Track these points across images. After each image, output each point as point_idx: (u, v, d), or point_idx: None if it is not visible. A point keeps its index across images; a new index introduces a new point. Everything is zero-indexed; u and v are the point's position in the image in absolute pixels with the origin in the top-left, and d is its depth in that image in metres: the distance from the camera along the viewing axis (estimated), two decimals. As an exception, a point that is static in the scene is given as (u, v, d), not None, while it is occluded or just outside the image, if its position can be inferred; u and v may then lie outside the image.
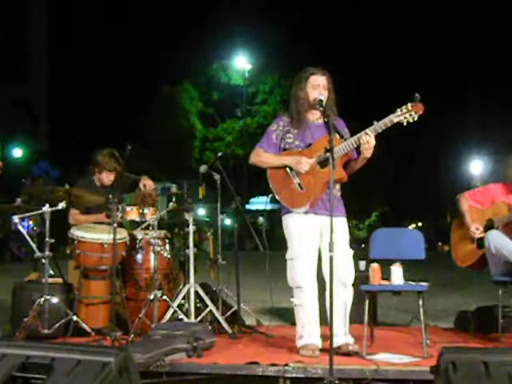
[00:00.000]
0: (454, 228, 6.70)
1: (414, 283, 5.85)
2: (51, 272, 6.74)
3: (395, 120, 5.32)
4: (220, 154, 7.60)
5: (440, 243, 57.57)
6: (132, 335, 6.16)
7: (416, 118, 5.31)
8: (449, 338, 6.48)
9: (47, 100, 56.69)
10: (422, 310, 5.66)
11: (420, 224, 71.07)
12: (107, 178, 7.11)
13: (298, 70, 5.88)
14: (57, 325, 6.26)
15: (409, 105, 5.30)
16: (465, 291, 11.98)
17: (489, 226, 6.30)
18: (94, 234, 6.60)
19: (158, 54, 47.88)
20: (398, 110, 5.32)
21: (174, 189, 7.29)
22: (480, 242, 6.29)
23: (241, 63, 46.12)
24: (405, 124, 5.33)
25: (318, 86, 5.64)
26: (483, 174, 55.47)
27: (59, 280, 6.88)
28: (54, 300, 6.37)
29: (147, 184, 7.12)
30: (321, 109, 5.54)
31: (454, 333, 6.92)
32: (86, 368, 3.31)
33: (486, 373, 3.40)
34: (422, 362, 5.24)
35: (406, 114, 5.29)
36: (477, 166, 57.45)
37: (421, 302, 5.66)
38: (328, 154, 5.06)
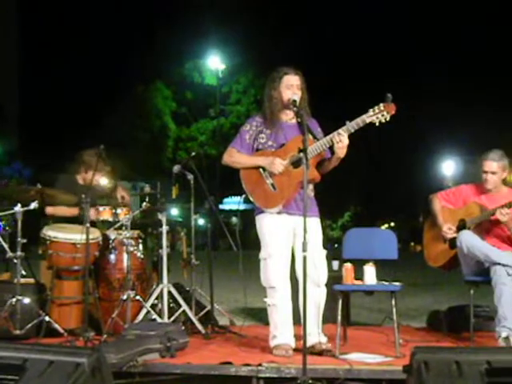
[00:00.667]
0: (427, 228, 6.74)
1: (386, 283, 5.87)
2: (23, 272, 6.70)
3: (368, 120, 5.34)
4: (193, 153, 7.57)
5: (413, 243, 57.93)
6: (105, 335, 6.13)
7: (388, 118, 5.33)
8: (421, 338, 6.52)
9: (18, 100, 56.15)
10: (394, 310, 5.69)
11: (393, 224, 71.44)
12: (96, 177, 7.07)
13: (271, 69, 5.88)
14: (29, 325, 6.22)
15: (381, 105, 5.33)
16: (437, 291, 12.08)
17: (461, 226, 6.35)
18: (66, 234, 6.56)
19: (131, 53, 47.72)
20: (371, 110, 5.34)
21: (147, 189, 7.26)
22: (452, 242, 6.33)
23: (214, 63, 46.12)
24: (377, 124, 5.35)
25: (291, 86, 5.65)
26: (455, 175, 55.89)
27: (31, 280, 6.82)
28: (26, 300, 6.33)
29: (125, 197, 7.14)
30: (294, 109, 5.55)
31: (427, 332, 6.96)
32: (58, 369, 3.30)
33: (458, 372, 3.43)
34: (395, 361, 5.27)
35: (378, 114, 5.31)
36: (449, 166, 57.87)
37: (393, 302, 5.69)
38: (301, 154, 5.07)
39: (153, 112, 48.51)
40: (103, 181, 7.08)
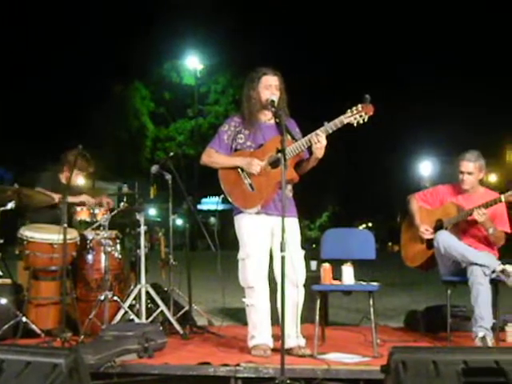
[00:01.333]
0: (404, 228, 6.77)
1: (364, 283, 5.89)
2: (0, 273, 6.66)
3: (346, 121, 5.35)
4: (171, 153, 7.55)
5: (390, 243, 58.12)
6: (82, 336, 6.11)
7: (366, 119, 5.34)
8: (399, 338, 6.54)
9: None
10: (372, 310, 5.71)
11: (370, 224, 71.69)
12: (76, 177, 7.06)
13: (250, 70, 5.89)
14: (6, 326, 6.19)
15: (359, 106, 5.34)
16: (414, 291, 12.13)
17: (438, 226, 6.38)
18: (43, 234, 6.52)
19: (110, 53, 47.53)
20: (349, 110, 5.35)
21: (125, 189, 7.24)
22: (429, 243, 6.36)
23: (192, 63, 45.97)
24: (355, 125, 5.36)
25: (270, 87, 5.65)
26: (432, 175, 56.17)
27: (8, 281, 6.78)
28: (3, 301, 6.31)
29: (110, 203, 7.15)
30: (272, 109, 5.56)
31: (404, 332, 7.00)
32: (35, 370, 3.28)
33: (436, 372, 3.45)
34: (373, 361, 5.29)
35: (356, 115, 5.32)
36: (426, 167, 58.15)
37: (371, 302, 5.71)
38: (279, 155, 5.08)
39: (131, 112, 48.35)
40: (80, 180, 7.08)
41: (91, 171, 7.11)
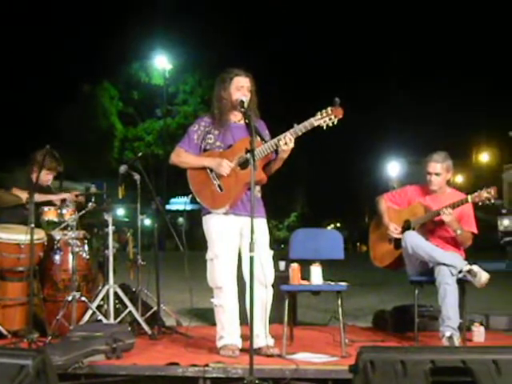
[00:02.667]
0: (372, 228, 6.81)
1: (333, 283, 5.92)
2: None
3: (315, 123, 5.36)
4: (140, 154, 7.54)
5: (358, 243, 58.44)
6: (50, 337, 6.07)
7: (336, 122, 5.36)
8: (367, 337, 6.57)
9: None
10: (340, 310, 5.73)
11: (338, 224, 71.98)
12: (45, 177, 7.01)
13: (219, 70, 5.89)
14: (-28, 327, 6.14)
15: (328, 109, 5.35)
16: (382, 291, 12.19)
17: (406, 226, 6.42)
18: (10, 234, 6.47)
19: (78, 52, 47.30)
20: (318, 113, 5.36)
21: (93, 189, 7.20)
22: (397, 243, 6.40)
23: (161, 63, 45.81)
24: (324, 128, 5.38)
25: (241, 88, 5.66)
26: (400, 176, 56.55)
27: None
28: (-31, 302, 6.24)
29: (79, 197, 7.12)
30: (242, 110, 5.56)
31: (372, 332, 7.04)
32: (2, 371, 3.26)
33: (404, 371, 3.47)
34: (341, 361, 5.31)
35: (325, 118, 5.34)
36: (394, 167, 58.52)
37: (339, 302, 5.74)
38: (248, 156, 5.08)
39: (99, 112, 48.12)
40: (50, 180, 7.05)
41: (60, 170, 7.07)
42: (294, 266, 6.01)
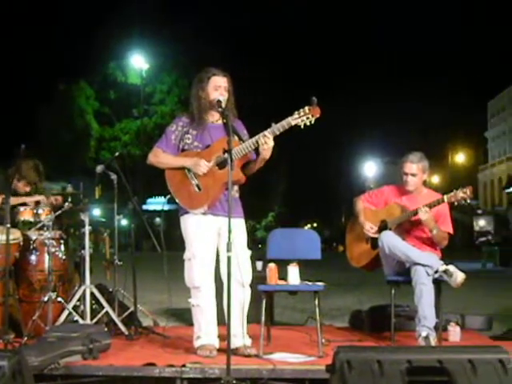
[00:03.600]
0: (349, 229, 6.83)
1: (310, 283, 5.93)
2: None
3: (293, 122, 5.37)
4: (117, 153, 7.52)
5: (335, 243, 58.62)
6: (26, 338, 6.03)
7: (313, 121, 5.37)
8: (344, 337, 6.58)
9: None
10: (317, 310, 5.74)
11: (315, 224, 72.14)
12: (23, 187, 6.99)
13: (196, 70, 5.89)
14: None
15: (306, 108, 5.36)
16: (359, 291, 12.23)
17: (382, 226, 6.44)
18: (-15, 234, 6.43)
19: (54, 51, 47.05)
20: (296, 112, 5.37)
21: (69, 189, 7.17)
22: (374, 243, 6.42)
23: (138, 62, 45.73)
24: (302, 127, 5.39)
25: (219, 87, 5.66)
26: (377, 176, 56.82)
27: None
28: None
29: (58, 199, 7.08)
30: (220, 110, 5.55)
31: (349, 332, 7.05)
32: (-22, 372, 3.23)
33: (380, 371, 3.49)
34: (318, 360, 5.32)
35: (303, 117, 5.35)
36: (370, 167, 58.79)
37: (316, 302, 5.74)
38: (226, 156, 5.08)
39: (75, 111, 47.90)
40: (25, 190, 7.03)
41: (37, 184, 7.06)
42: (272, 266, 6.02)
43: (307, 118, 5.35)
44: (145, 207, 45.45)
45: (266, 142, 5.41)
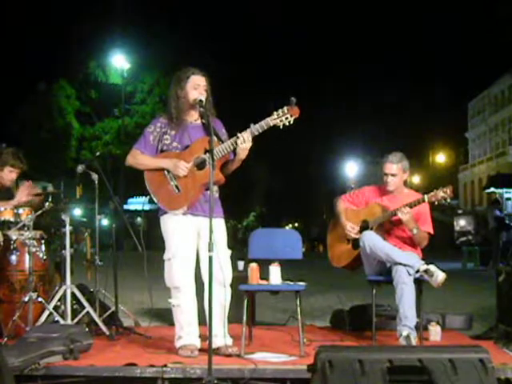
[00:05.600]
0: (330, 229, 6.84)
1: (291, 283, 5.94)
2: None
3: (272, 123, 5.38)
4: (97, 153, 7.52)
5: (317, 243, 58.68)
6: (6, 338, 6.01)
7: (292, 122, 5.38)
8: (325, 337, 6.60)
9: None
10: (299, 309, 5.75)
11: (297, 224, 72.23)
12: (9, 175, 6.91)
13: (177, 69, 5.87)
14: None
15: (285, 108, 5.37)
16: (340, 290, 12.24)
17: (363, 226, 6.46)
18: (-35, 234, 6.40)
19: (34, 50, 46.79)
20: (275, 113, 5.38)
21: (50, 188, 7.15)
22: (355, 243, 6.44)
23: (119, 62, 45.53)
24: (281, 127, 5.40)
25: (198, 86, 5.65)
26: (358, 176, 56.97)
27: None
28: None
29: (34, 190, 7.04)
30: (201, 109, 5.55)
31: (330, 331, 7.07)
32: (-43, 373, 3.22)
33: (361, 370, 3.50)
34: (299, 360, 5.33)
35: (282, 117, 5.36)
36: (352, 167, 58.93)
37: (298, 302, 5.75)
38: (205, 156, 5.07)
39: (56, 111, 47.64)
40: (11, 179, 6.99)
41: (24, 169, 6.99)
42: (253, 265, 6.03)
43: (286, 119, 5.36)
44: (126, 207, 45.31)
45: (245, 142, 5.42)
